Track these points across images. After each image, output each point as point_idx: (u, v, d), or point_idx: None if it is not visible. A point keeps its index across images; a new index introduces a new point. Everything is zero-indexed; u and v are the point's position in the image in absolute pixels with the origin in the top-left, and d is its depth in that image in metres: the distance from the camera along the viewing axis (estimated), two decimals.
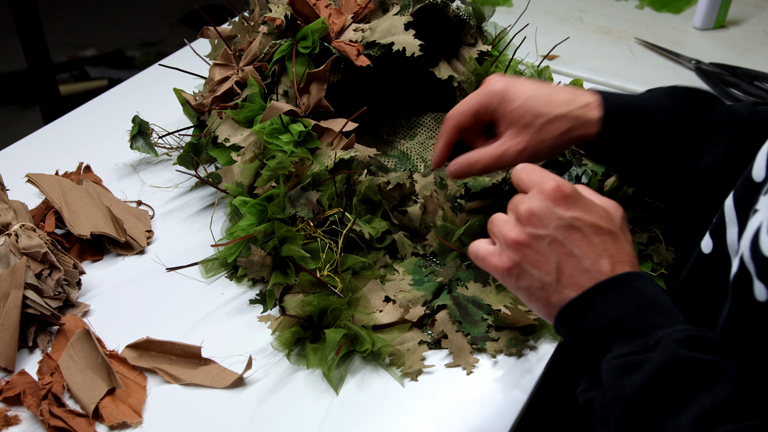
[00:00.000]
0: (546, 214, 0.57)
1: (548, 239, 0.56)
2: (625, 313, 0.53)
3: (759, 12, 1.45)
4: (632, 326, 0.52)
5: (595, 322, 0.54)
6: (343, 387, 0.69)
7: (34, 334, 0.73)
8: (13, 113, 2.54)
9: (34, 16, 1.76)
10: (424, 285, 0.78)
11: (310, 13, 0.88)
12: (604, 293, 0.54)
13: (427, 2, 0.91)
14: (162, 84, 1.09)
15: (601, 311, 0.54)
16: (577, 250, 0.56)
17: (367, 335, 0.70)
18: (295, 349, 0.72)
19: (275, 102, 0.84)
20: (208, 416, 0.67)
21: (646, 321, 0.52)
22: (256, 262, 0.77)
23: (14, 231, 0.76)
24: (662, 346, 0.50)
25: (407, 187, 0.84)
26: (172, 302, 0.78)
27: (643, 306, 0.53)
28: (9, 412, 0.66)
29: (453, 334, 0.73)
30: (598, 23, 1.41)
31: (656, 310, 0.53)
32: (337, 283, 0.75)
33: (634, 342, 0.52)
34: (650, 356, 0.50)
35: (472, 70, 0.94)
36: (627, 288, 0.54)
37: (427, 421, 0.66)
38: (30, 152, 1.02)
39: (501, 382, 0.70)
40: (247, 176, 0.82)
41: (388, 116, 1.06)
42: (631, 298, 0.54)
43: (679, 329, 0.51)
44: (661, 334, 0.51)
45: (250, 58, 0.89)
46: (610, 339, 0.53)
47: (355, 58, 0.87)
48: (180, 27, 3.05)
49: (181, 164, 0.93)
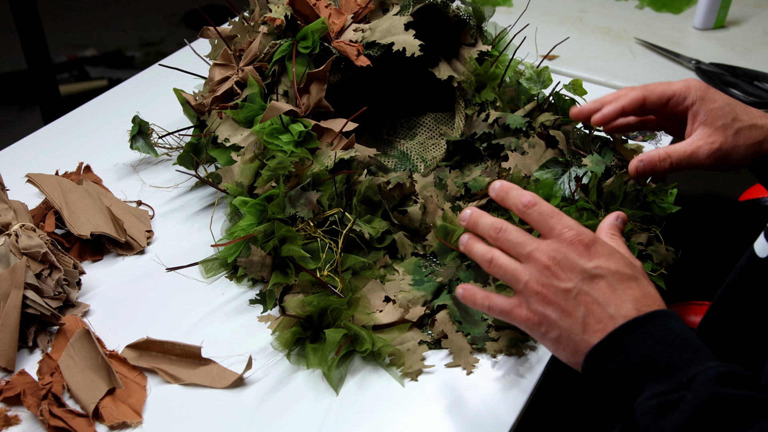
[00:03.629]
0: (570, 265, 0.58)
1: (575, 291, 0.57)
2: (655, 352, 0.53)
3: (759, 12, 1.45)
4: (663, 365, 0.52)
5: (625, 362, 0.53)
6: (343, 387, 0.69)
7: (34, 334, 0.73)
8: (13, 113, 2.54)
9: (34, 16, 1.75)
10: (424, 285, 0.78)
11: (310, 13, 0.88)
12: (631, 333, 0.54)
13: (427, 2, 0.91)
14: (162, 84, 1.09)
15: (630, 351, 0.54)
16: (602, 297, 0.57)
17: (367, 335, 0.70)
18: (295, 349, 0.72)
19: (275, 102, 0.84)
20: (208, 416, 0.67)
21: (678, 359, 0.52)
22: (256, 262, 0.77)
23: (14, 231, 0.76)
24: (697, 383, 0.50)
25: (407, 187, 0.84)
26: (172, 302, 0.78)
27: (673, 344, 0.53)
28: (9, 412, 0.66)
29: (453, 334, 0.73)
30: (598, 23, 1.41)
31: (686, 348, 0.53)
32: (337, 283, 0.75)
33: (667, 381, 0.51)
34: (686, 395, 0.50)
35: (472, 70, 0.94)
36: (655, 327, 0.54)
37: (427, 421, 0.66)
38: (30, 152, 1.02)
39: (501, 382, 0.70)
40: (247, 176, 0.82)
41: (388, 116, 1.06)
42: (660, 336, 0.54)
43: (711, 366, 0.51)
44: (694, 371, 0.51)
45: (250, 58, 0.89)
46: (641, 379, 0.52)
47: (355, 58, 0.87)
48: (180, 27, 3.05)
49: (181, 164, 0.93)
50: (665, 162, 0.72)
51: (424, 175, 0.88)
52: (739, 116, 0.71)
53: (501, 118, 0.90)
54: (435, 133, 1.02)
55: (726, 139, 0.71)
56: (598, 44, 1.33)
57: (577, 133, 0.88)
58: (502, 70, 0.93)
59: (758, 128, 0.71)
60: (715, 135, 0.71)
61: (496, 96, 0.93)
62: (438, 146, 1.00)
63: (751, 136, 0.71)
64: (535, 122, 0.90)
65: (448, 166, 0.93)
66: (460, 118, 0.96)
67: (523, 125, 0.88)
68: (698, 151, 0.71)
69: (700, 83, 0.74)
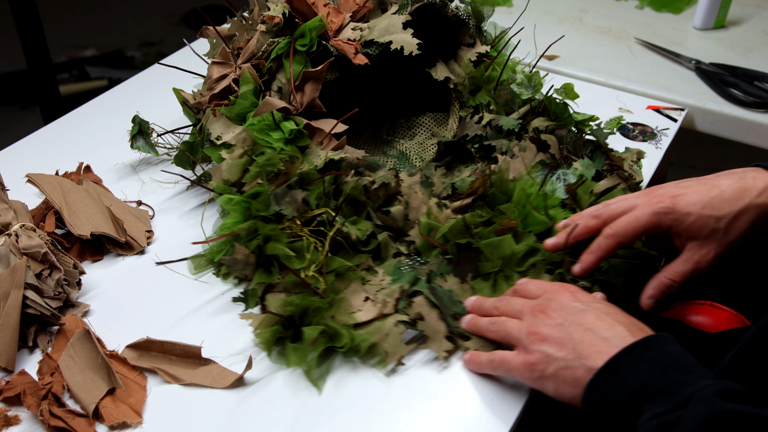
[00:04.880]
0: (558, 306, 0.64)
1: (566, 324, 0.62)
2: (653, 375, 0.54)
3: (759, 12, 1.45)
4: (661, 387, 0.54)
5: (624, 387, 0.55)
6: (343, 387, 0.69)
7: (34, 334, 0.73)
8: (13, 113, 2.54)
9: (34, 16, 1.75)
10: (401, 279, 0.78)
11: (307, 11, 0.88)
12: (629, 358, 0.56)
13: (425, 1, 0.90)
14: (162, 84, 1.09)
15: (628, 375, 0.55)
16: (593, 325, 0.61)
17: (345, 331, 0.70)
18: (276, 348, 0.72)
19: (269, 98, 0.84)
20: (208, 416, 0.67)
21: (674, 379, 0.54)
22: (240, 260, 0.77)
23: (14, 231, 0.76)
24: (695, 402, 0.51)
25: (392, 186, 0.84)
26: (173, 302, 0.78)
27: (669, 366, 0.55)
28: (9, 412, 0.66)
29: (429, 316, 0.73)
30: (597, 23, 1.41)
31: (682, 368, 0.55)
32: (320, 283, 0.75)
33: (665, 401, 0.53)
34: (684, 413, 0.51)
35: (468, 72, 0.94)
36: (651, 350, 0.56)
37: (427, 421, 0.66)
38: (30, 152, 1.02)
39: (501, 383, 0.70)
40: (235, 173, 0.82)
41: (387, 116, 1.06)
42: (657, 359, 0.55)
43: (708, 384, 0.52)
44: (691, 390, 0.52)
45: (248, 55, 0.89)
46: (641, 402, 0.54)
47: (352, 57, 0.87)
48: (180, 27, 3.05)
49: (178, 164, 0.93)
50: (674, 288, 0.72)
51: (411, 174, 0.88)
52: (721, 214, 0.68)
53: (494, 120, 0.90)
54: (434, 133, 1.02)
55: (719, 242, 0.69)
56: (598, 44, 1.33)
57: (569, 137, 0.88)
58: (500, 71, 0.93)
59: (744, 213, 0.68)
60: (708, 244, 0.69)
61: (490, 99, 0.93)
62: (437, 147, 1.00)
63: (742, 224, 0.68)
64: (529, 126, 0.90)
65: (438, 165, 0.93)
66: (454, 119, 0.96)
67: (516, 126, 0.88)
68: (698, 266, 0.70)
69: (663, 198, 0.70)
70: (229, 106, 0.86)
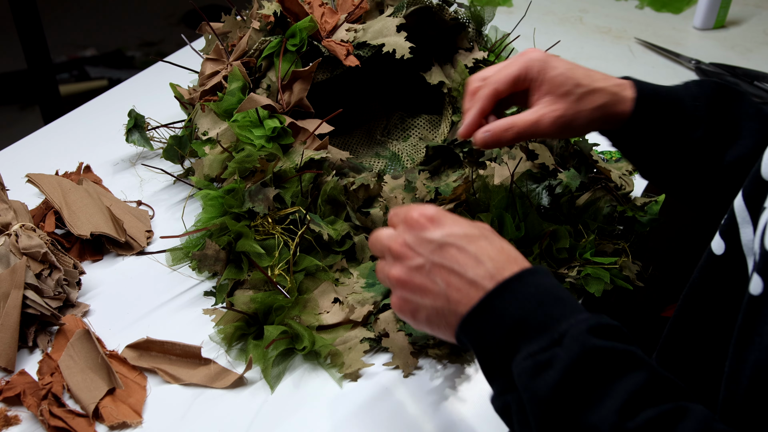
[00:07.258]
0: (417, 242, 0.57)
1: (427, 266, 0.57)
2: (526, 311, 0.52)
3: (759, 12, 1.45)
4: (535, 323, 0.52)
5: (499, 325, 0.53)
6: (343, 387, 0.69)
7: (34, 334, 0.73)
8: (13, 113, 2.54)
9: (34, 16, 1.76)
10: (375, 287, 0.78)
11: (299, 11, 0.88)
12: (503, 294, 0.54)
13: (421, 5, 0.90)
14: (162, 84, 1.08)
15: (502, 313, 0.53)
16: (456, 265, 0.56)
17: (307, 334, 0.70)
18: (237, 345, 0.72)
19: (253, 94, 0.84)
20: (208, 416, 0.67)
21: (548, 315, 0.52)
22: (210, 255, 0.78)
23: (14, 231, 0.76)
24: (569, 339, 0.50)
25: (373, 188, 0.84)
26: (173, 302, 0.78)
27: (543, 301, 0.53)
28: (9, 412, 0.66)
29: (394, 333, 0.72)
30: (597, 23, 1.41)
31: (556, 302, 0.53)
32: (287, 282, 0.75)
33: (540, 339, 0.51)
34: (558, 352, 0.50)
35: (464, 78, 0.93)
36: (524, 285, 0.54)
37: (426, 420, 0.66)
38: (30, 152, 1.02)
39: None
40: (215, 168, 0.83)
41: (383, 117, 1.05)
42: (530, 294, 0.53)
43: (581, 318, 0.51)
44: (565, 326, 0.51)
45: (239, 53, 0.89)
46: (516, 340, 0.52)
47: (343, 58, 0.87)
48: (180, 27, 3.05)
49: (167, 158, 0.94)
50: (510, 132, 0.71)
51: (397, 177, 0.88)
52: (581, 82, 0.70)
53: None
54: (427, 135, 1.02)
55: (569, 106, 0.70)
56: (598, 44, 1.33)
57: (558, 148, 0.87)
58: None
59: (600, 92, 0.70)
60: (558, 103, 0.70)
61: None
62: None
63: (594, 101, 0.70)
64: None
65: (422, 170, 0.91)
66: (446, 124, 0.96)
67: None
68: (542, 120, 0.70)
69: (539, 53, 0.73)
70: (217, 102, 0.86)
